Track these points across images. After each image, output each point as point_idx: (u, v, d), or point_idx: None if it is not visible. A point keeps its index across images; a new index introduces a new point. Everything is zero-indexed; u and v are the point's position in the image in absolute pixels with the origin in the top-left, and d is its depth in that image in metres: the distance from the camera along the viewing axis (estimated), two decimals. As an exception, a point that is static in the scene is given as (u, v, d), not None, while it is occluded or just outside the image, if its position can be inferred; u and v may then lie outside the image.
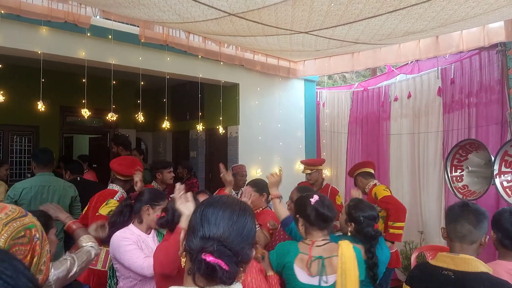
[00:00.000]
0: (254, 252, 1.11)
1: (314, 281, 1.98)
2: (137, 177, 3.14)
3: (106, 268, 3.06)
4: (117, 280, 2.47)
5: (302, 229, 2.17)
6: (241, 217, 1.09)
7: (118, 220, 2.56)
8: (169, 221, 2.24)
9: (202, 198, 3.17)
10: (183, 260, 1.09)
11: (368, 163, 4.33)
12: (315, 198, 2.15)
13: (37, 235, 1.23)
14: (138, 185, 3.09)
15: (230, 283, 1.01)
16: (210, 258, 0.98)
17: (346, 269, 1.94)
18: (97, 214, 3.12)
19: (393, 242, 3.70)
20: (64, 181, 4.02)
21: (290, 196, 3.21)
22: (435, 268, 1.79)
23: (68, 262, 1.91)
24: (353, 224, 2.41)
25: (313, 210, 2.11)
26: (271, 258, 2.14)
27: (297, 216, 2.20)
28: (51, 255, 1.98)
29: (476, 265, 1.71)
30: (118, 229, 2.47)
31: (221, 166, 3.42)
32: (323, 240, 2.09)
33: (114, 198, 3.21)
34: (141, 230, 2.48)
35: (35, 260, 1.21)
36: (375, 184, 3.99)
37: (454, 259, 1.76)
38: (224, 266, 0.98)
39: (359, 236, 2.36)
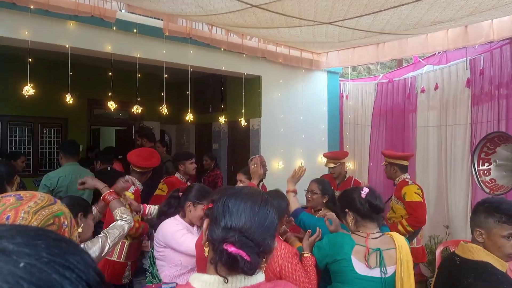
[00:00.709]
0: (276, 243, 1.12)
1: (374, 273, 2.01)
2: (129, 200, 2.94)
3: (122, 259, 3.12)
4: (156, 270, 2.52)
5: (352, 223, 2.18)
6: (263, 208, 1.10)
7: (168, 211, 2.63)
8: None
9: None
10: (206, 249, 1.10)
11: (408, 156, 4.25)
12: (365, 191, 2.16)
13: (66, 222, 1.27)
14: (134, 206, 2.95)
15: (252, 273, 1.02)
16: (231, 249, 0.99)
17: (404, 260, 2.01)
18: None
19: None
20: (89, 171, 4.23)
21: (310, 188, 3.20)
22: (452, 254, 1.95)
23: (100, 240, 1.97)
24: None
25: (366, 203, 2.12)
26: (320, 249, 2.17)
27: (346, 210, 2.20)
28: (87, 239, 2.08)
29: (479, 254, 1.77)
30: (166, 218, 2.54)
31: (258, 158, 3.35)
32: (377, 232, 2.12)
33: (130, 191, 3.09)
34: (185, 221, 2.53)
35: None
36: (407, 182, 3.93)
37: (463, 246, 1.87)
38: (246, 257, 0.99)
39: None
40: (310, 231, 2.30)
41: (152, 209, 3.07)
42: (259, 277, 1.06)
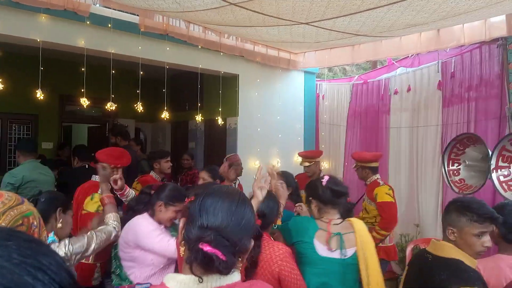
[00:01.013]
0: (252, 243, 1.11)
1: (335, 254, 2.16)
2: (118, 175, 2.83)
3: (90, 261, 2.99)
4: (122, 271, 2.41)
5: (315, 210, 2.33)
6: (240, 207, 1.09)
7: (136, 206, 2.52)
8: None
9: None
10: (182, 249, 1.09)
11: (378, 156, 4.31)
12: (326, 178, 2.32)
13: (35, 223, 1.23)
14: (119, 184, 2.80)
15: (227, 273, 1.02)
16: (207, 248, 0.98)
17: (364, 242, 2.17)
18: (83, 212, 2.97)
19: None
20: (48, 168, 4.24)
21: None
22: (423, 251, 2.00)
23: (86, 239, 1.90)
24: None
25: (327, 189, 2.27)
26: (285, 231, 2.32)
27: (310, 198, 2.36)
28: (65, 235, 2.03)
29: (451, 252, 1.82)
30: (134, 215, 2.43)
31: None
32: (338, 218, 2.27)
33: (99, 192, 2.96)
34: (154, 220, 2.42)
35: None
36: (378, 183, 3.99)
37: (435, 244, 1.93)
38: (221, 256, 0.98)
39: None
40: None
41: (130, 192, 2.98)
42: (235, 277, 1.06)
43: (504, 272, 1.95)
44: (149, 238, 2.26)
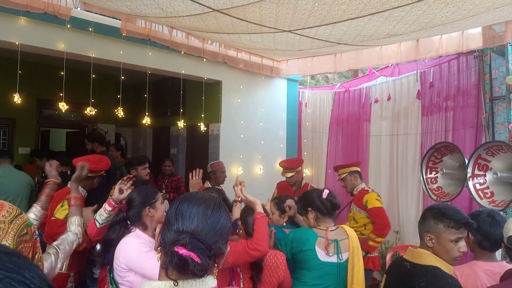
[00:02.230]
0: (228, 248, 1.13)
1: (332, 259, 2.46)
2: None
3: (64, 270, 2.86)
4: None
5: (313, 219, 2.58)
6: (215, 212, 1.11)
7: (112, 237, 2.21)
8: None
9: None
10: (158, 255, 1.09)
11: (358, 163, 4.34)
12: (326, 192, 2.60)
13: (36, 232, 1.22)
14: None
15: (202, 275, 1.03)
16: (182, 251, 0.99)
17: (355, 247, 2.50)
18: (53, 218, 2.89)
19: (367, 253, 3.80)
20: (22, 172, 4.20)
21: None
22: (400, 259, 2.00)
23: (53, 257, 1.73)
24: (286, 215, 2.90)
25: (328, 202, 2.56)
26: (286, 243, 2.51)
27: (309, 208, 2.59)
28: None
29: (429, 259, 1.83)
30: (114, 247, 2.15)
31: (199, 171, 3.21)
32: (334, 226, 2.57)
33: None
34: (148, 235, 2.23)
35: (36, 256, 1.18)
36: (367, 190, 3.99)
37: (413, 252, 1.92)
38: (196, 259, 0.99)
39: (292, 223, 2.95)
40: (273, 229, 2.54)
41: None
42: (211, 282, 1.07)
43: (480, 278, 1.98)
44: (139, 261, 2.04)
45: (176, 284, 1.01)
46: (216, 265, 1.09)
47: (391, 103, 5.92)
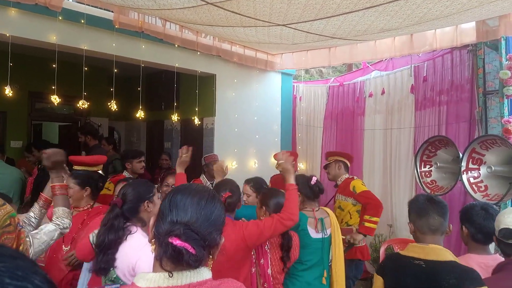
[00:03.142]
0: (223, 239, 1.14)
1: (319, 235, 2.87)
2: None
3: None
4: None
5: (300, 203, 2.80)
6: (209, 203, 1.12)
7: (111, 238, 1.97)
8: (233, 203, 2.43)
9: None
10: (152, 247, 1.09)
11: (349, 156, 4.37)
12: (314, 179, 2.96)
13: (21, 223, 1.20)
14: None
15: (197, 266, 1.04)
16: (177, 242, 0.99)
17: (335, 223, 2.98)
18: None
19: (365, 235, 3.81)
20: (14, 167, 4.13)
21: (243, 191, 3.36)
22: (407, 258, 1.86)
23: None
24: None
25: (316, 187, 2.94)
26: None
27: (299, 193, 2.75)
28: None
29: (445, 254, 1.78)
30: (113, 249, 1.95)
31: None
32: (317, 207, 2.99)
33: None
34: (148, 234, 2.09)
35: (21, 247, 1.17)
36: (352, 178, 4.06)
37: (424, 249, 1.83)
38: (191, 250, 0.99)
39: None
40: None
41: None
42: (205, 273, 1.07)
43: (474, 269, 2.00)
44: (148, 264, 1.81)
45: (171, 275, 1.01)
46: (211, 256, 1.10)
47: (385, 97, 5.93)
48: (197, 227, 1.04)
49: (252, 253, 2.48)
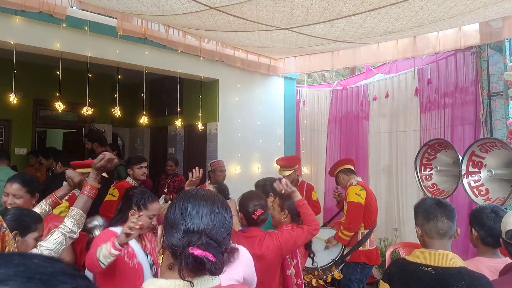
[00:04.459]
0: (231, 243, 1.13)
1: None
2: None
3: None
4: None
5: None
6: (221, 208, 1.11)
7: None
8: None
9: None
10: (160, 257, 1.08)
11: (347, 160, 4.37)
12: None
13: (4, 225, 1.18)
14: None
15: (220, 273, 1.03)
16: (197, 252, 0.98)
17: None
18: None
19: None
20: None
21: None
22: (415, 265, 1.80)
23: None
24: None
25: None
26: None
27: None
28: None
29: (455, 260, 1.73)
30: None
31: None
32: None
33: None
34: None
35: (6, 250, 1.15)
36: (351, 183, 4.03)
37: (433, 255, 1.77)
38: (212, 258, 0.98)
39: None
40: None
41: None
42: (216, 280, 1.06)
43: (484, 275, 1.97)
44: None
45: (192, 285, 1.00)
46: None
47: (389, 100, 5.91)
48: (214, 234, 1.03)
49: (287, 256, 2.64)
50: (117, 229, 2.15)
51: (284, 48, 5.12)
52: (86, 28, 4.31)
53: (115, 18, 4.44)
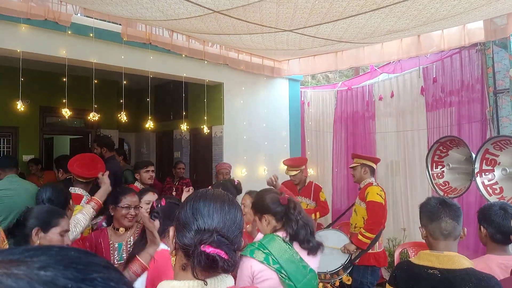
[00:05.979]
0: (243, 241, 1.13)
1: None
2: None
3: None
4: None
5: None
6: (231, 207, 1.12)
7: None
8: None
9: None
10: (173, 259, 1.09)
11: (376, 160, 4.26)
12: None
13: None
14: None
15: (232, 271, 1.03)
16: (209, 249, 0.98)
17: None
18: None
19: (357, 248, 3.76)
20: (29, 182, 4.03)
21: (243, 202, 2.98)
22: (420, 268, 1.77)
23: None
24: None
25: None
26: None
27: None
28: None
29: (461, 261, 1.69)
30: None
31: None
32: None
33: (80, 204, 2.92)
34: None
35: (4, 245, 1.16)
36: (371, 183, 3.97)
37: (438, 257, 1.73)
38: (224, 256, 0.99)
39: None
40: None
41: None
42: (229, 281, 1.06)
43: (494, 272, 1.95)
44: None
45: (205, 284, 1.01)
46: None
47: (395, 99, 5.90)
48: (225, 232, 1.04)
49: None
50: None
51: (288, 50, 5.13)
52: (91, 34, 4.34)
53: (120, 24, 4.47)
